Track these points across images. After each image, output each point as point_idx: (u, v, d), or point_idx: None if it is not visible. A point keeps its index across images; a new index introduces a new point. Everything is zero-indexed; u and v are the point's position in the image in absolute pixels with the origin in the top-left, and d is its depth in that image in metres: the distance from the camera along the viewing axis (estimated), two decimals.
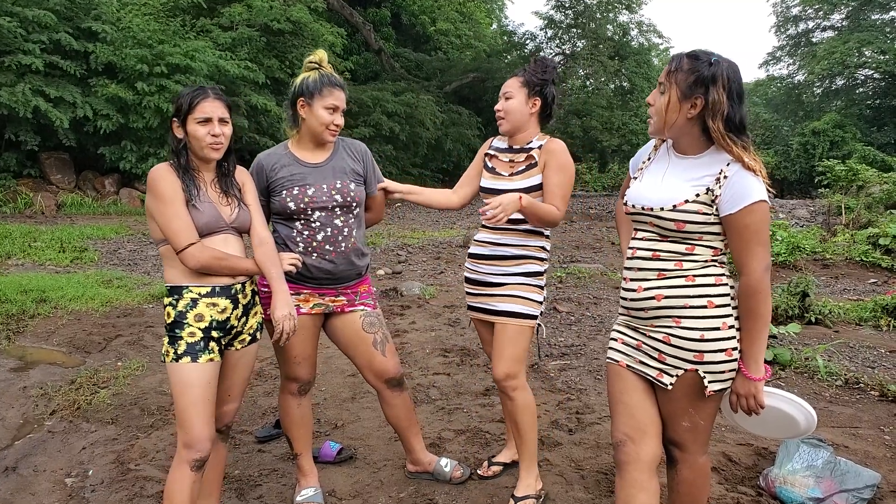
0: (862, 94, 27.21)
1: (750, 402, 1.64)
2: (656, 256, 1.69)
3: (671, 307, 1.66)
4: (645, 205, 1.70)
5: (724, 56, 1.63)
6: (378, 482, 2.54)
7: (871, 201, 10.91)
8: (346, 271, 2.29)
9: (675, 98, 1.62)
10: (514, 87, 2.29)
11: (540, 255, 2.31)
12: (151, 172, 1.87)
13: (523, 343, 2.29)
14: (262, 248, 2.01)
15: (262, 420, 3.13)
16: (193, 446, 1.84)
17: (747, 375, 1.61)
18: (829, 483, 2.42)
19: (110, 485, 2.47)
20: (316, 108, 2.17)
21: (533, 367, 3.90)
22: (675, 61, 1.64)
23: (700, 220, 1.62)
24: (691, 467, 1.79)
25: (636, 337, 1.77)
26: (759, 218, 1.56)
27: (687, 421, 1.73)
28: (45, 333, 4.29)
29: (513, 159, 2.32)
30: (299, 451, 2.41)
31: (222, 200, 1.95)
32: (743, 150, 1.59)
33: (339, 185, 2.24)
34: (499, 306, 2.29)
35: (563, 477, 2.56)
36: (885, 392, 3.46)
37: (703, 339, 1.63)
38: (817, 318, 5.07)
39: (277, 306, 1.97)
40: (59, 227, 8.71)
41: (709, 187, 1.61)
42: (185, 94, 1.88)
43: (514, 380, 2.28)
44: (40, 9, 10.45)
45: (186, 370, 1.83)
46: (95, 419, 3.05)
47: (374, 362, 2.36)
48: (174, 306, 1.86)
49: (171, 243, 1.84)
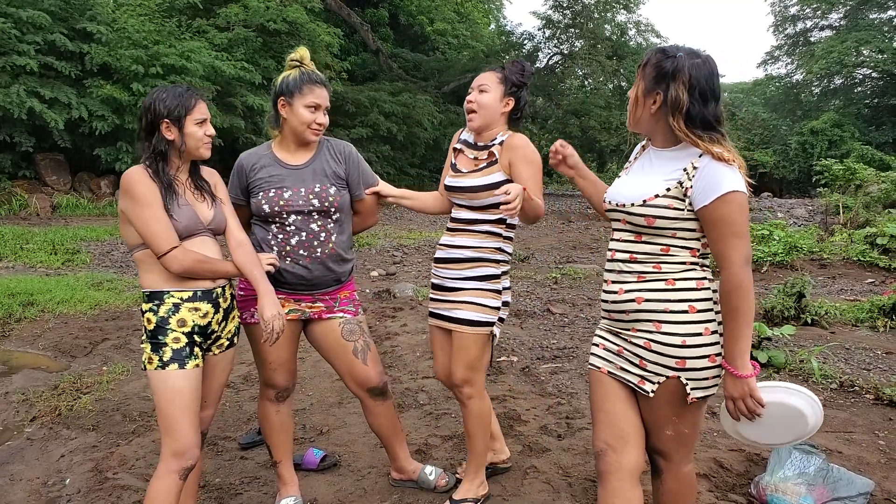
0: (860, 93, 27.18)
1: (748, 403, 1.54)
2: (633, 259, 1.65)
3: (651, 311, 1.61)
4: (619, 201, 1.67)
5: (703, 52, 1.58)
6: (361, 490, 2.48)
7: (869, 200, 10.85)
8: (321, 277, 2.22)
9: (641, 92, 1.61)
10: (491, 81, 2.19)
11: (495, 256, 2.22)
12: (127, 176, 1.83)
13: (479, 350, 2.24)
14: (241, 249, 1.99)
15: (246, 426, 3.08)
16: (184, 454, 1.80)
17: (736, 374, 1.52)
18: (821, 490, 2.37)
19: (87, 494, 2.42)
20: (297, 107, 2.11)
21: (523, 371, 3.85)
22: (648, 55, 1.63)
23: (672, 216, 1.57)
24: (676, 477, 1.75)
25: (617, 342, 1.71)
26: (735, 208, 1.50)
27: (671, 430, 1.67)
28: (31, 337, 4.24)
29: (477, 156, 2.25)
30: (279, 458, 2.35)
31: (198, 199, 1.93)
32: (711, 142, 1.54)
33: (318, 188, 2.18)
34: (455, 314, 2.23)
35: (549, 485, 2.51)
36: (880, 395, 3.41)
37: (685, 345, 1.58)
38: (813, 320, 5.02)
39: (266, 307, 1.93)
40: (52, 229, 8.66)
41: (679, 180, 1.56)
42: (176, 95, 1.85)
43: (470, 387, 2.25)
44: (35, 9, 10.41)
45: (174, 377, 1.80)
46: (76, 426, 3.00)
47: (355, 371, 2.31)
48: (155, 312, 1.82)
49: (152, 247, 1.80)
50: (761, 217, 11.70)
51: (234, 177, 2.21)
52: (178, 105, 1.84)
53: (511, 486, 2.49)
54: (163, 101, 1.84)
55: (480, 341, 2.22)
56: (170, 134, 1.85)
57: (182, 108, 1.84)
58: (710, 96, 1.56)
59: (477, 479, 2.34)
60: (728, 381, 1.56)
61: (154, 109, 1.84)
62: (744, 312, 1.51)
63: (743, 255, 1.51)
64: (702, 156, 1.55)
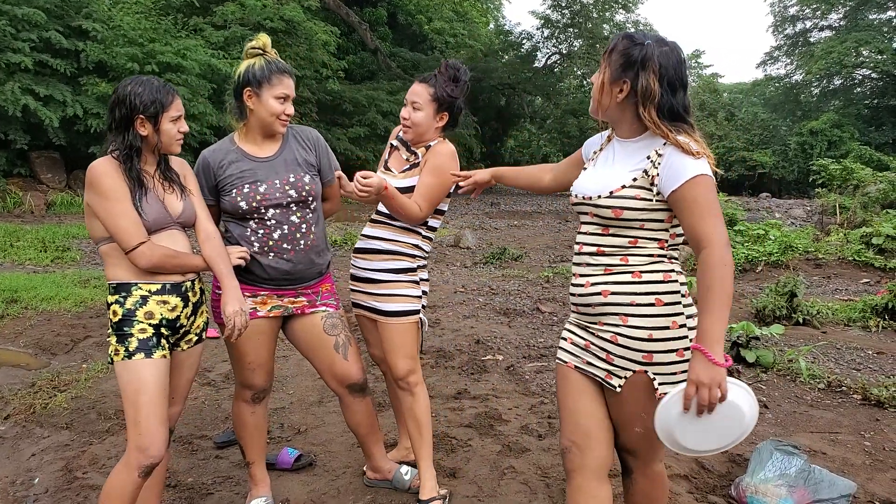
0: (860, 93, 27.08)
1: (713, 393, 1.40)
2: (600, 252, 1.60)
3: (618, 304, 1.56)
4: (585, 194, 1.63)
5: (670, 40, 1.54)
6: (335, 490, 2.44)
7: (866, 201, 10.78)
8: (305, 270, 2.18)
9: (607, 80, 1.56)
10: (423, 98, 2.21)
11: (412, 252, 2.27)
12: (93, 169, 1.79)
13: (412, 339, 2.28)
14: (209, 242, 1.95)
15: (224, 425, 3.04)
16: (148, 449, 1.75)
17: (713, 361, 1.39)
18: (802, 492, 2.33)
19: (54, 494, 2.38)
20: (265, 98, 2.05)
21: (508, 370, 3.81)
22: (614, 41, 1.57)
23: (639, 207, 1.53)
24: (646, 476, 1.72)
25: (585, 336, 1.67)
26: (706, 189, 1.46)
27: (640, 426, 1.62)
28: (13, 335, 4.20)
29: (408, 157, 2.30)
30: (252, 459, 2.31)
31: (168, 191, 1.90)
32: (678, 133, 1.50)
33: (293, 178, 2.13)
34: (383, 306, 2.25)
35: (527, 485, 2.46)
36: (868, 396, 3.36)
37: (652, 338, 1.53)
38: (805, 319, 4.97)
39: (228, 302, 1.90)
40: (44, 227, 8.62)
41: (645, 169, 1.53)
42: (152, 90, 1.80)
43: (414, 375, 2.29)
44: (30, 7, 10.37)
45: (140, 366, 1.77)
46: (50, 424, 2.96)
47: (336, 366, 2.26)
48: (122, 304, 1.80)
49: (120, 242, 1.78)
50: (758, 217, 11.64)
51: (200, 177, 2.12)
52: (154, 101, 1.79)
53: (487, 486, 2.44)
54: (138, 95, 1.78)
55: (412, 330, 2.27)
56: (144, 130, 1.81)
57: (159, 104, 1.80)
58: (678, 86, 1.52)
59: (433, 472, 2.32)
60: (700, 365, 1.41)
61: (129, 104, 1.78)
62: (727, 289, 1.42)
63: (723, 235, 1.44)
64: (666, 143, 1.52)
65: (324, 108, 15.80)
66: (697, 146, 1.49)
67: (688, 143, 1.49)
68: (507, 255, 8.24)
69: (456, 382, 3.60)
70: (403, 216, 2.18)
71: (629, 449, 1.70)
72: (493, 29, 27.56)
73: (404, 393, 2.30)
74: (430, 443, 2.30)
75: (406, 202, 2.14)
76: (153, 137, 1.82)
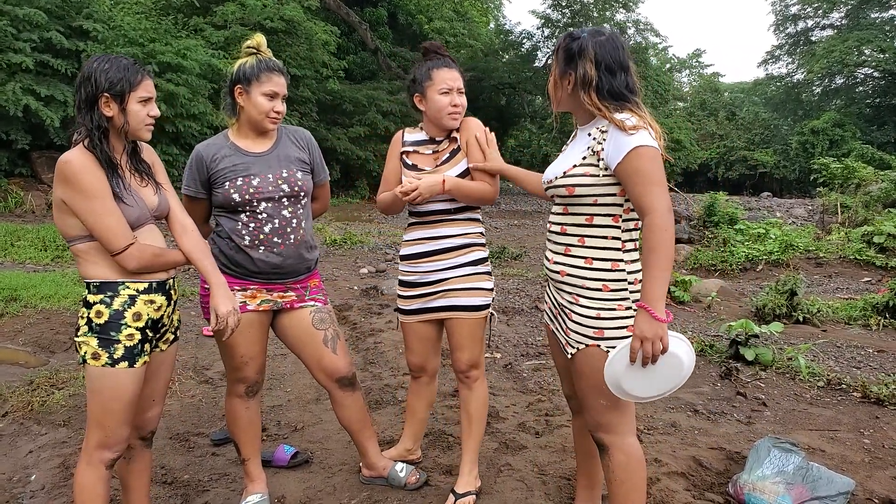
0: (862, 92, 27.00)
1: (656, 346, 1.56)
2: (563, 231, 1.77)
3: (571, 284, 1.75)
4: (548, 178, 1.81)
5: (607, 30, 1.72)
6: (331, 488, 2.44)
7: (868, 200, 10.76)
8: (294, 265, 2.19)
9: (556, 76, 1.74)
10: (462, 82, 2.24)
11: (480, 240, 2.31)
12: (68, 164, 1.63)
13: (481, 333, 2.29)
14: (187, 236, 1.87)
15: (221, 422, 3.03)
16: (112, 447, 1.75)
17: (655, 317, 1.54)
18: (800, 490, 2.32)
19: (51, 490, 2.38)
20: (254, 96, 2.07)
21: (506, 368, 3.80)
22: (558, 42, 1.76)
23: (589, 183, 1.67)
24: (622, 449, 1.79)
25: (555, 305, 1.87)
26: (649, 160, 1.58)
27: (604, 399, 1.73)
28: (12, 333, 4.20)
29: (436, 150, 2.28)
30: (247, 455, 2.30)
31: (141, 183, 1.80)
32: (618, 111, 1.64)
33: (286, 174, 2.14)
34: (458, 302, 2.23)
35: (524, 482, 2.45)
36: (867, 393, 3.35)
37: (600, 317, 1.70)
38: (805, 318, 4.96)
39: (220, 301, 1.84)
40: (44, 226, 8.63)
41: (590, 146, 1.69)
42: (120, 67, 1.66)
43: (477, 370, 2.30)
44: (31, 7, 10.39)
45: (122, 375, 1.71)
46: (47, 421, 2.96)
47: (324, 360, 2.27)
48: (108, 305, 1.70)
49: (106, 243, 1.67)
50: (759, 217, 11.62)
51: (193, 170, 2.13)
52: (121, 79, 1.66)
53: (484, 484, 2.43)
54: (104, 72, 1.65)
55: (481, 325, 2.28)
56: (108, 111, 1.68)
57: (126, 82, 1.66)
58: (616, 68, 1.67)
59: (475, 468, 2.34)
60: (643, 321, 1.56)
61: (94, 81, 1.64)
62: (666, 252, 1.56)
63: (665, 203, 1.57)
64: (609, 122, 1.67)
65: (324, 107, 15.81)
66: (638, 120, 1.62)
67: (624, 119, 1.62)
68: (506, 254, 8.24)
69: (453, 381, 3.57)
70: (479, 201, 2.22)
71: (600, 423, 1.78)
72: (494, 28, 27.52)
73: (462, 385, 2.32)
74: (477, 439, 2.33)
75: (476, 185, 2.19)
76: (119, 119, 1.68)
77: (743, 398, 3.37)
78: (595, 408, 1.75)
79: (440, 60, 2.23)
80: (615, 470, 1.78)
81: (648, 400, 1.75)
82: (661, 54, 28.14)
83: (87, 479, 1.74)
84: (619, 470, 1.78)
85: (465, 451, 2.32)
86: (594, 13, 20.57)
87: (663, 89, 23.07)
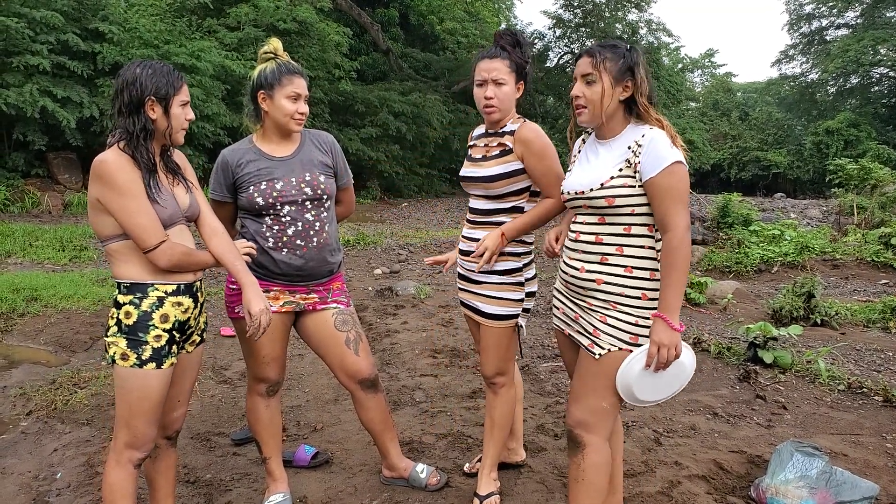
0: (877, 92, 26.67)
1: (671, 353, 1.68)
2: (599, 241, 1.79)
3: (609, 293, 1.77)
4: (577, 190, 1.81)
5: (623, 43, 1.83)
6: (352, 488, 2.45)
7: (885, 201, 10.63)
8: (317, 268, 2.21)
9: (609, 84, 1.75)
10: (504, 72, 2.09)
11: (516, 249, 2.18)
12: (104, 164, 1.68)
13: (506, 342, 2.25)
14: (217, 238, 1.89)
15: (241, 422, 3.06)
16: (140, 447, 1.78)
17: (672, 326, 1.67)
18: (823, 494, 2.30)
19: (76, 489, 2.41)
20: (277, 99, 2.09)
21: (523, 370, 3.80)
22: (598, 54, 1.76)
23: (628, 193, 1.72)
24: (599, 451, 1.82)
25: (575, 310, 1.88)
26: (679, 178, 1.67)
27: (607, 402, 1.78)
28: (33, 332, 4.25)
29: (487, 143, 2.21)
30: (268, 454, 2.33)
31: (174, 184, 1.84)
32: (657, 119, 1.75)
33: (309, 177, 2.17)
34: (482, 307, 2.22)
35: (544, 485, 2.45)
36: (889, 397, 3.31)
37: (638, 324, 1.74)
38: (823, 320, 4.91)
39: (253, 301, 1.86)
40: (62, 227, 8.74)
41: (627, 159, 1.73)
42: (163, 72, 1.73)
43: (502, 377, 2.28)
44: (48, 10, 10.52)
45: (150, 376, 1.73)
46: (71, 420, 3.00)
47: (347, 362, 2.28)
48: (137, 306, 1.73)
49: (138, 242, 1.71)
50: (773, 218, 11.51)
51: (219, 174, 2.16)
52: (166, 83, 1.73)
53: (505, 485, 2.44)
54: (150, 76, 1.71)
55: (507, 335, 2.23)
56: (153, 113, 1.73)
57: (171, 86, 1.74)
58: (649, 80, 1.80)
59: (494, 470, 2.33)
60: (662, 329, 1.68)
61: (140, 85, 1.70)
62: (685, 268, 1.68)
63: (685, 222, 1.68)
64: (644, 135, 1.71)
65: (336, 108, 15.87)
66: (670, 130, 1.73)
67: (666, 126, 1.73)
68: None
69: (471, 382, 3.60)
70: (546, 220, 2.18)
71: (586, 422, 1.80)
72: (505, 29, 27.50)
73: (489, 390, 2.32)
74: (498, 445, 2.31)
75: (539, 210, 2.13)
76: (163, 121, 1.75)
77: (762, 401, 3.35)
78: (593, 407, 1.79)
79: None
80: (587, 469, 1.81)
81: (651, 404, 1.85)
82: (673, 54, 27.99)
83: (115, 478, 1.77)
84: (590, 470, 1.80)
85: (486, 455, 2.32)
86: (606, 13, 20.50)
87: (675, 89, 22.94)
